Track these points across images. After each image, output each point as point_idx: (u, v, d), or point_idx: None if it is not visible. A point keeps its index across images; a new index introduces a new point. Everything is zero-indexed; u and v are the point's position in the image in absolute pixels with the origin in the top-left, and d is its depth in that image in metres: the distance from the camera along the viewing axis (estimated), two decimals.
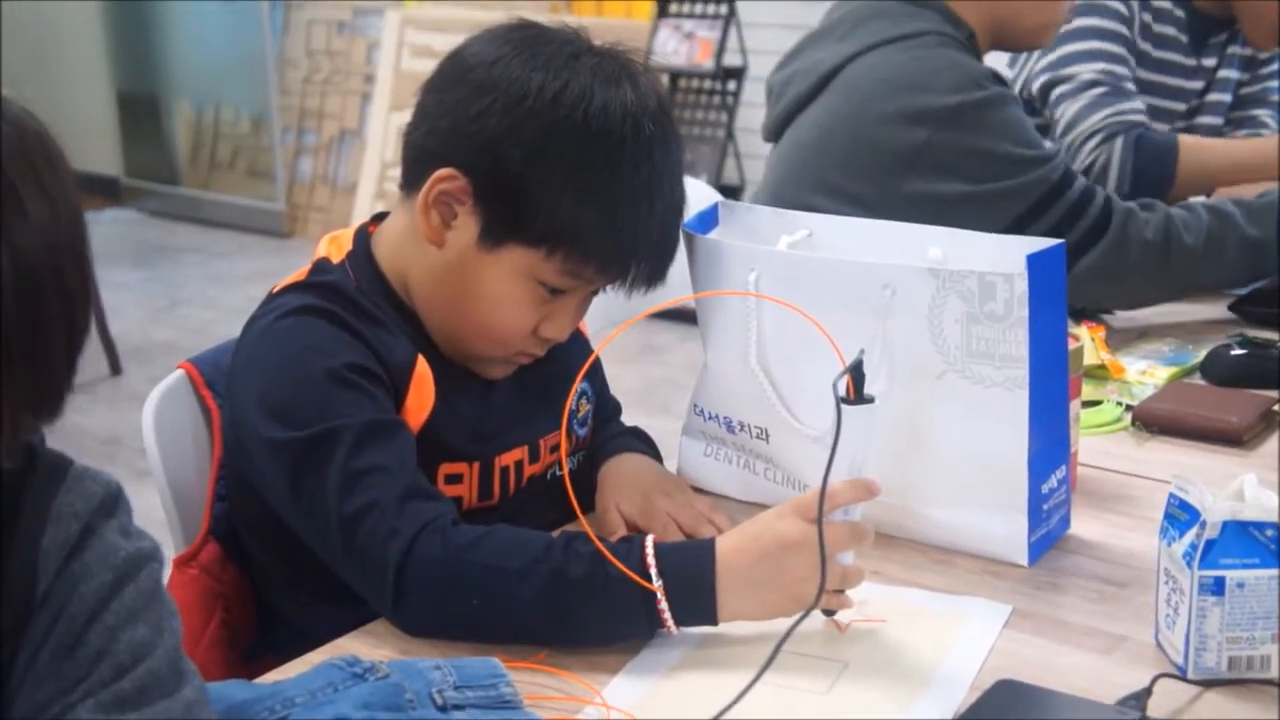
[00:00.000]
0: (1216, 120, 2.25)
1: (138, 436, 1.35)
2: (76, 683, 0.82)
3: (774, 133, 1.89)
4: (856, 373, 1.09)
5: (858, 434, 1.10)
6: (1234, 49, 2.24)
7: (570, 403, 1.33)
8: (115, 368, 4.50)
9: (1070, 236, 1.70)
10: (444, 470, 1.26)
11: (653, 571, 1.09)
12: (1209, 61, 2.20)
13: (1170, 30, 2.18)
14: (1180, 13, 2.18)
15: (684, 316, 3.88)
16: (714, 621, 1.11)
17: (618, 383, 1.53)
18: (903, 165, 1.71)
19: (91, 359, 4.46)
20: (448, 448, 1.26)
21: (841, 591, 1.12)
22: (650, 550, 1.10)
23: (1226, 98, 2.25)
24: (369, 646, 1.11)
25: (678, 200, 1.26)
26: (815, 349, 1.20)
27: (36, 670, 0.82)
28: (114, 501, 0.86)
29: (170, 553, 1.34)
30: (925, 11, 1.78)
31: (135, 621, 0.84)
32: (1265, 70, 2.28)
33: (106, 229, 6.46)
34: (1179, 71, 2.19)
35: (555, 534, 1.14)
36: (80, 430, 3.98)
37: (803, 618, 1.06)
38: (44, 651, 0.82)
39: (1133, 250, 1.77)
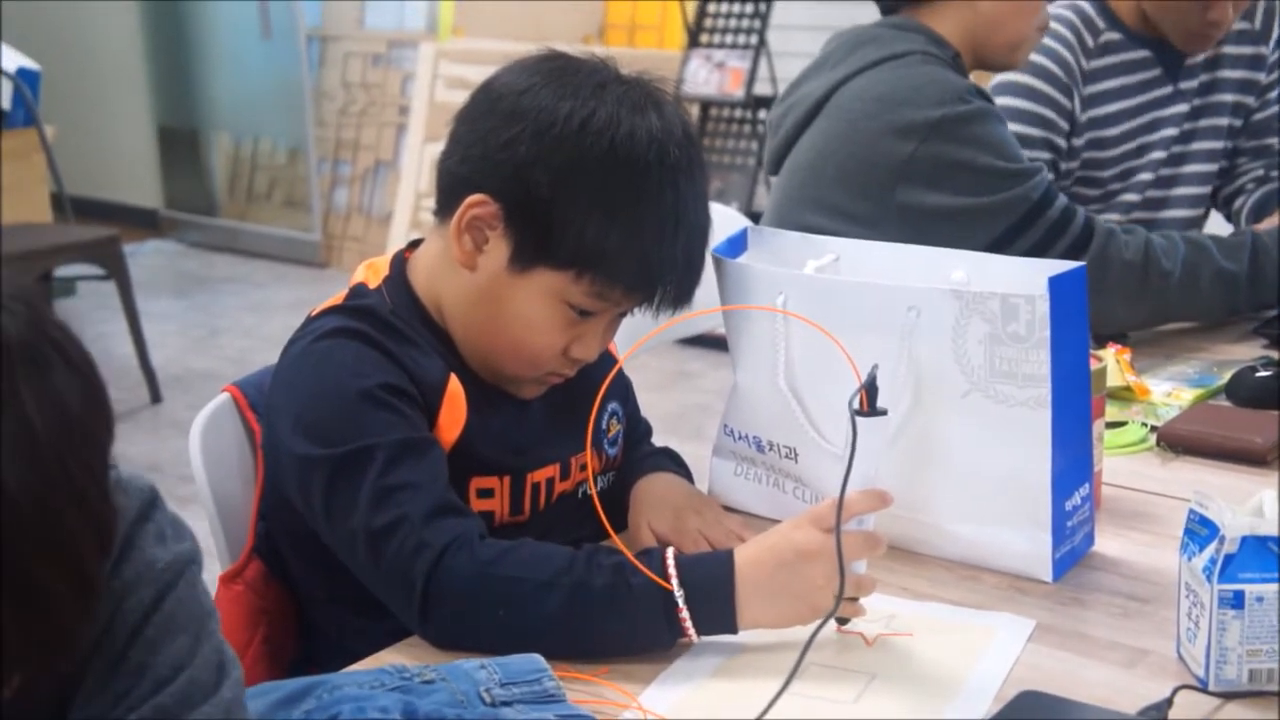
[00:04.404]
0: (1215, 144, 2.23)
1: (179, 463, 1.39)
2: (119, 698, 0.83)
3: (775, 164, 1.94)
4: (870, 387, 1.12)
5: (871, 445, 1.13)
6: (1225, 72, 2.22)
7: (595, 416, 1.36)
8: (156, 396, 4.56)
9: (1051, 254, 1.74)
10: (476, 484, 1.29)
11: (674, 581, 1.12)
12: (1187, 84, 2.20)
13: (1137, 77, 2.16)
14: (1142, 53, 2.16)
15: (716, 344, 3.88)
16: (734, 629, 1.14)
17: (652, 409, 1.56)
18: (892, 179, 1.75)
19: (132, 388, 4.56)
20: (480, 462, 1.29)
21: (855, 599, 1.15)
22: (671, 560, 1.14)
23: (1222, 121, 2.23)
24: (409, 659, 1.14)
25: (703, 224, 1.28)
26: (842, 369, 1.23)
27: (83, 689, 0.83)
28: (149, 507, 0.86)
29: (216, 570, 1.38)
30: (911, 34, 1.82)
31: (175, 633, 0.85)
32: (1271, 95, 2.26)
33: (147, 260, 6.54)
34: (1156, 105, 2.18)
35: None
36: (123, 458, 3.99)
37: (822, 624, 1.09)
38: (89, 670, 0.83)
39: (1112, 270, 1.80)
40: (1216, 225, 2.26)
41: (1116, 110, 2.15)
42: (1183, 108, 2.19)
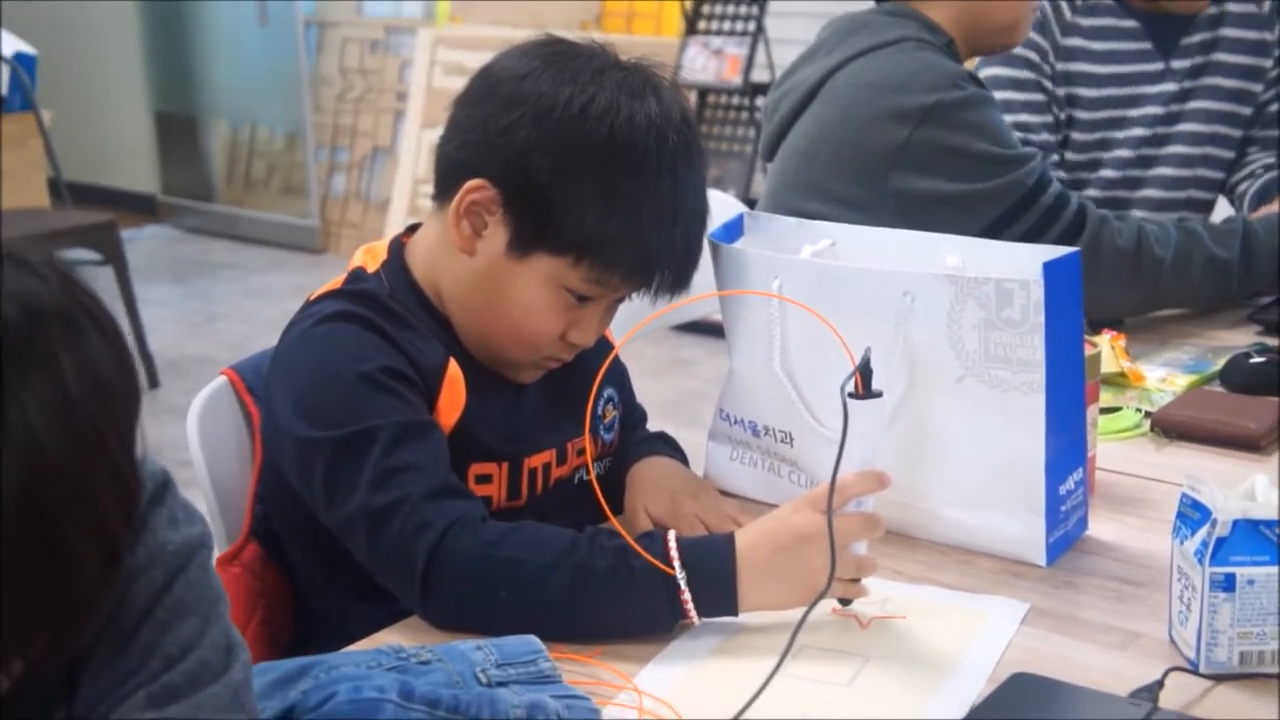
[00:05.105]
0: (1202, 128, 2.23)
1: (176, 448, 1.39)
2: (127, 676, 0.83)
3: (770, 151, 1.95)
4: (865, 370, 1.13)
5: (867, 428, 1.14)
6: (1223, 56, 2.23)
7: (593, 401, 1.36)
8: (153, 381, 4.56)
9: (1044, 239, 1.75)
10: (474, 470, 1.29)
11: (676, 563, 1.13)
12: (1180, 64, 2.20)
13: (1125, 44, 2.18)
14: (1130, 23, 2.17)
15: (713, 330, 3.89)
16: (735, 612, 1.15)
17: (648, 395, 1.57)
18: (886, 164, 1.76)
19: None
20: (478, 448, 1.29)
21: (857, 580, 1.16)
22: (673, 543, 1.14)
23: (1216, 106, 2.23)
24: (405, 640, 1.14)
25: (700, 210, 1.29)
26: (838, 354, 1.23)
27: (90, 668, 0.84)
28: (161, 491, 0.87)
29: (214, 553, 1.38)
30: (905, 21, 1.83)
31: (184, 615, 0.85)
32: None
33: (144, 245, 6.54)
34: (1143, 79, 2.20)
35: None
36: None
37: (815, 603, 1.10)
38: (97, 650, 0.84)
39: (1105, 256, 1.81)
40: (1223, 214, 2.25)
41: (1095, 73, 2.17)
42: (1171, 87, 2.20)
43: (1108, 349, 1.70)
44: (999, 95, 2.10)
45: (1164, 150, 2.23)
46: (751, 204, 1.93)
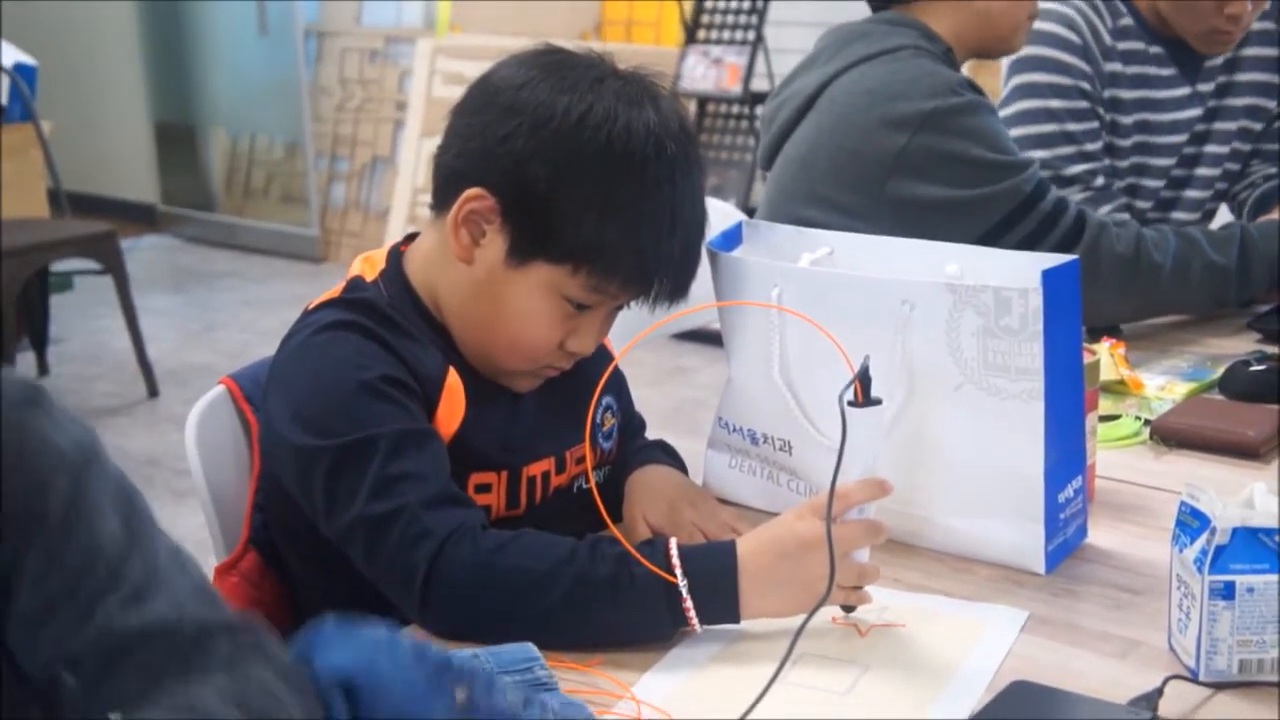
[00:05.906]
0: (1223, 149, 2.21)
1: (175, 457, 1.39)
2: (73, 590, 0.81)
3: (768, 159, 1.95)
4: (864, 378, 1.13)
5: (867, 436, 1.14)
6: (1243, 75, 2.21)
7: (593, 410, 1.36)
8: (152, 390, 4.56)
9: (1043, 246, 1.75)
10: (474, 480, 1.29)
11: (677, 571, 1.13)
12: (1205, 87, 2.18)
13: (1151, 69, 2.15)
14: (1155, 49, 2.14)
15: (711, 338, 3.89)
16: (736, 619, 1.15)
17: (647, 403, 1.57)
18: (884, 171, 1.76)
19: (129, 382, 4.56)
20: (477, 457, 1.29)
21: (860, 588, 1.16)
22: (674, 550, 1.14)
23: (1232, 125, 2.21)
24: None
25: (699, 218, 1.29)
26: (837, 362, 1.23)
27: (21, 599, 0.80)
28: (34, 393, 0.84)
29: (213, 562, 1.38)
30: (902, 29, 1.84)
31: (107, 514, 0.83)
32: None
33: (144, 255, 6.54)
34: (1172, 105, 2.17)
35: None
36: (119, 452, 4.03)
37: (814, 611, 1.09)
38: (22, 581, 0.80)
39: (1103, 261, 1.81)
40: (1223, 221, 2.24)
41: (1128, 98, 2.15)
42: (1198, 111, 2.18)
43: (1107, 357, 1.70)
44: (1061, 127, 2.07)
45: (1194, 172, 2.21)
46: (751, 213, 1.93)
